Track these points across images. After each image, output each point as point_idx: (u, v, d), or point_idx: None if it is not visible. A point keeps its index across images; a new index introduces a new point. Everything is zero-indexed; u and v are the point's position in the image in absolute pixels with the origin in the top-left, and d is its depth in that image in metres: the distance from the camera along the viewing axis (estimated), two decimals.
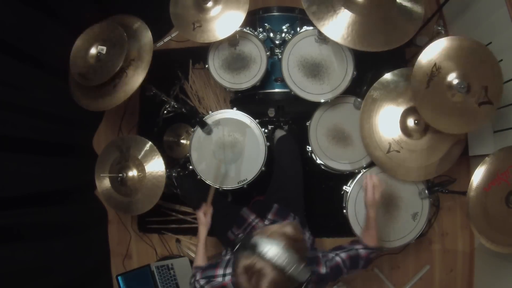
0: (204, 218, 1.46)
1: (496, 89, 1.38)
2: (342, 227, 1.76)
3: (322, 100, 1.68)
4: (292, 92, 1.69)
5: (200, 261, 1.38)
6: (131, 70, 1.61)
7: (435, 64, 1.35)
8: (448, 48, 1.37)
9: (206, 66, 1.78)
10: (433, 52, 1.37)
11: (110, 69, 1.57)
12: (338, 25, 1.38)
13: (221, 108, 2.03)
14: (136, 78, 1.61)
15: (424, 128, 1.53)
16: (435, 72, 1.35)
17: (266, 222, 1.52)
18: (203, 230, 1.44)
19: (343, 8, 1.39)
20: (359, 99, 1.71)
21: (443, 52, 1.36)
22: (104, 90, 1.64)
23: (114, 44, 1.59)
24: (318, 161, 1.78)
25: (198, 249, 1.42)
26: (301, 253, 0.89)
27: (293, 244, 0.88)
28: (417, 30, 1.39)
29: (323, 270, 1.12)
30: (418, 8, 1.40)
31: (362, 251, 1.23)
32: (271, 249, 0.84)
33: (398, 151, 1.57)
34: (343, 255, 1.20)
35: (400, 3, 1.40)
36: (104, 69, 1.59)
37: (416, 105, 1.39)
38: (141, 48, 1.63)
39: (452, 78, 1.35)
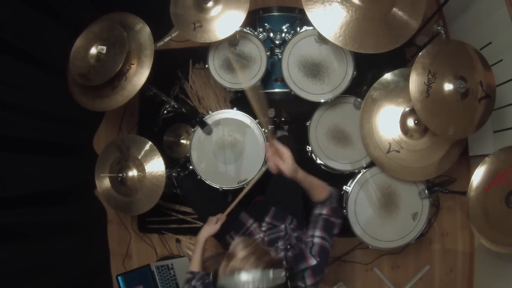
0: (214, 223, 1.42)
1: (489, 81, 1.39)
2: (342, 227, 1.75)
3: (322, 100, 1.68)
4: (292, 92, 1.69)
5: (196, 266, 1.36)
6: (130, 74, 1.61)
7: (429, 71, 1.35)
8: (437, 52, 1.37)
9: (206, 66, 1.78)
10: (425, 60, 1.36)
11: (111, 69, 1.57)
12: (332, 24, 1.39)
13: (221, 108, 2.03)
14: (135, 83, 1.61)
15: (424, 128, 1.53)
16: (431, 79, 1.34)
17: (263, 226, 1.52)
18: (205, 233, 1.41)
19: (337, 4, 1.39)
20: (359, 99, 1.72)
21: (434, 58, 1.36)
22: (103, 91, 1.64)
23: (114, 44, 1.59)
24: (318, 161, 1.78)
25: (196, 252, 1.40)
26: (266, 257, 0.90)
27: (253, 260, 0.88)
28: (409, 38, 1.39)
29: (312, 261, 1.08)
30: (412, 22, 1.39)
31: (324, 212, 1.17)
32: (240, 283, 0.85)
33: (398, 151, 1.57)
34: (317, 233, 1.14)
35: (395, 12, 1.40)
36: (105, 69, 1.58)
37: (421, 118, 1.37)
38: (142, 53, 1.62)
39: (450, 80, 1.35)
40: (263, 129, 1.67)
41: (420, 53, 1.37)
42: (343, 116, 1.79)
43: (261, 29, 1.80)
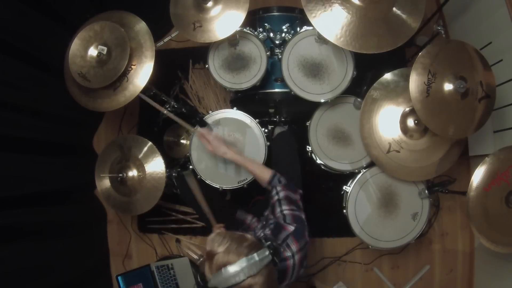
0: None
1: (490, 80, 1.40)
2: (342, 227, 1.76)
3: (322, 100, 1.68)
4: (292, 92, 1.69)
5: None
6: (132, 75, 1.60)
7: (429, 71, 1.34)
8: (437, 52, 1.37)
9: (206, 66, 1.78)
10: (425, 60, 1.36)
11: (112, 73, 1.56)
12: (333, 25, 1.38)
13: (221, 108, 2.02)
14: (136, 84, 1.60)
15: (424, 128, 1.53)
16: (432, 79, 1.34)
17: (262, 219, 1.52)
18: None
19: (338, 5, 1.39)
20: (359, 99, 1.72)
21: (434, 58, 1.36)
22: (104, 92, 1.63)
23: (115, 46, 1.58)
24: (318, 161, 1.78)
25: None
26: (245, 243, 0.90)
27: (234, 250, 0.88)
28: (410, 37, 1.38)
29: (291, 228, 1.13)
30: (412, 22, 1.38)
31: (279, 189, 1.23)
32: (231, 276, 0.84)
33: (398, 151, 1.57)
34: (284, 207, 1.21)
35: (395, 12, 1.40)
36: (105, 72, 1.57)
37: (421, 118, 1.37)
38: (143, 54, 1.61)
39: (450, 80, 1.35)
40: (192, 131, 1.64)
41: (420, 53, 1.37)
42: (343, 116, 1.79)
43: (261, 29, 1.80)
